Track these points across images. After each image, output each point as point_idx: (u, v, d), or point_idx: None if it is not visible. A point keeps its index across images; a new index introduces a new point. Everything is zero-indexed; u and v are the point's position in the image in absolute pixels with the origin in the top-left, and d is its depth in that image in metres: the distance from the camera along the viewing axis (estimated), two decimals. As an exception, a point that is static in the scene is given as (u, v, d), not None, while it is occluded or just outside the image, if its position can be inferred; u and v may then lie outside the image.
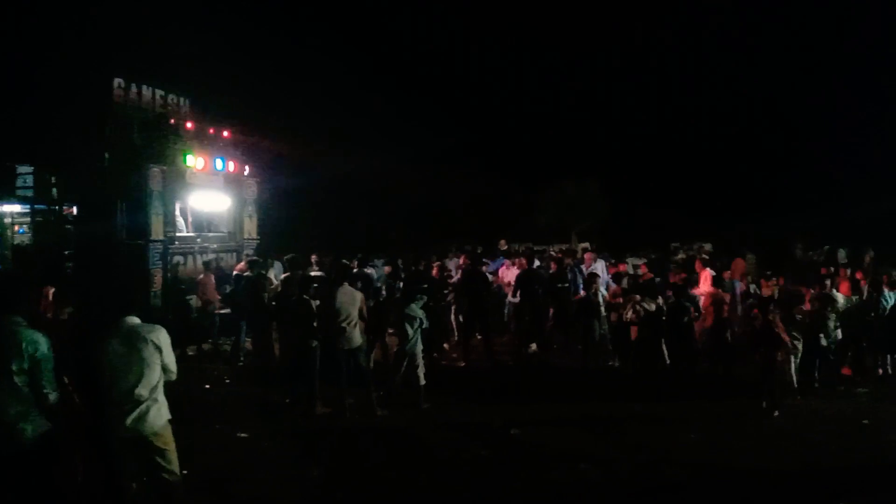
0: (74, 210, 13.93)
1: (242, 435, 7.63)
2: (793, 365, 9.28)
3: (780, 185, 30.22)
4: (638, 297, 10.30)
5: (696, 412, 8.53)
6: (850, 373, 10.29)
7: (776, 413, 8.35)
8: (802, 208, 26.39)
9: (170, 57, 20.83)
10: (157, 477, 4.68)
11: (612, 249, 19.18)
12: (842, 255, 17.35)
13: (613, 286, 11.88)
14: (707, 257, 15.62)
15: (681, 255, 20.54)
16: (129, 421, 4.54)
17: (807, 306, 9.72)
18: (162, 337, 4.73)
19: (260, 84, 26.37)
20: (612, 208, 31.97)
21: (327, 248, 17.36)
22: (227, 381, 10.44)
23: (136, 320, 4.74)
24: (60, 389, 4.54)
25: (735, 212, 29.51)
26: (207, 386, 9.96)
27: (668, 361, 10.21)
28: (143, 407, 4.58)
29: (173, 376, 4.82)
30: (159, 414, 4.67)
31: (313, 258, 14.53)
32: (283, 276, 10.66)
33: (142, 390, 4.58)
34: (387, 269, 12.83)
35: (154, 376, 4.64)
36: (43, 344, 4.38)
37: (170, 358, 4.76)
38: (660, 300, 10.38)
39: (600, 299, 11.27)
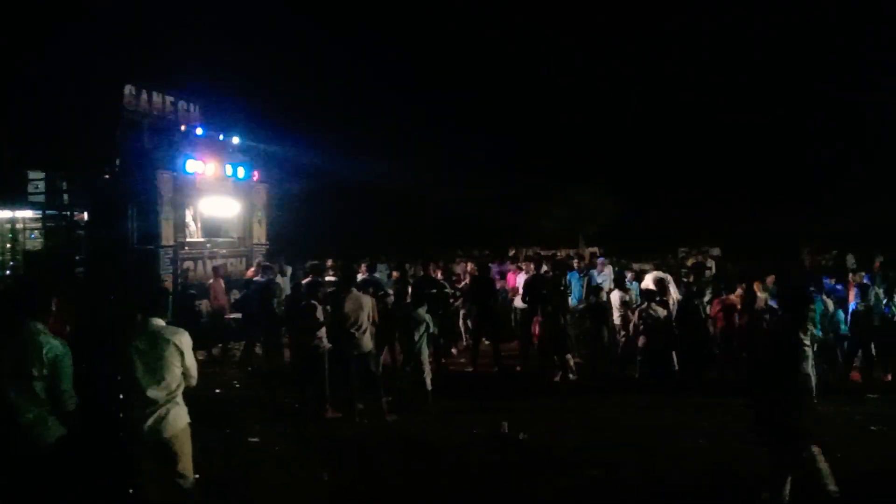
0: (85, 215, 14.01)
1: (253, 439, 7.69)
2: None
3: (788, 189, 30.09)
4: (645, 303, 10.32)
5: (705, 417, 8.54)
6: (859, 378, 10.29)
7: None
8: (810, 212, 26.30)
9: (180, 63, 20.96)
10: (171, 481, 4.68)
11: (621, 254, 19.18)
12: (850, 260, 17.31)
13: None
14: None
15: (690, 261, 20.54)
16: (148, 423, 4.55)
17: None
18: (184, 340, 4.73)
19: (269, 90, 26.46)
20: (619, 212, 31.94)
21: (333, 254, 17.41)
22: (238, 385, 10.52)
23: (161, 322, 4.75)
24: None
25: (743, 216, 29.43)
26: (218, 390, 10.03)
27: (676, 368, 10.21)
28: (162, 410, 4.59)
29: (193, 381, 4.80)
30: (178, 417, 4.68)
31: (329, 263, 14.63)
32: (304, 281, 10.73)
33: (161, 392, 4.59)
34: (395, 273, 12.86)
35: (174, 379, 4.65)
36: (63, 350, 4.42)
37: (190, 362, 4.75)
38: (671, 303, 10.41)
39: (609, 304, 11.28)
